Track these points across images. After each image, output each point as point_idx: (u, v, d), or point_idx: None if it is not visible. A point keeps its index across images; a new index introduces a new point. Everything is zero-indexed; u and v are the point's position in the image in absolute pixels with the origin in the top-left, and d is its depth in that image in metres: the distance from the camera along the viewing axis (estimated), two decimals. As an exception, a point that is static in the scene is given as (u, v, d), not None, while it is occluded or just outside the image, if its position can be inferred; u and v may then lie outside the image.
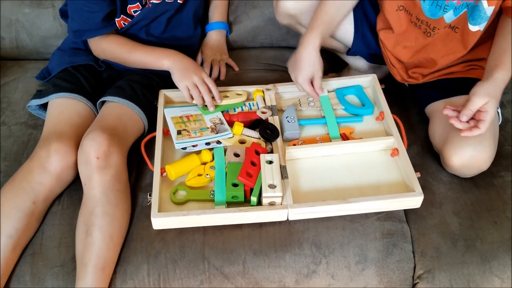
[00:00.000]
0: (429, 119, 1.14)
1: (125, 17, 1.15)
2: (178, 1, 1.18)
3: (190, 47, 1.31)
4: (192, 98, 1.10)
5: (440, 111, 1.09)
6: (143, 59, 1.15)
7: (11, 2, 1.33)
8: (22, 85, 1.29)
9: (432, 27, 1.08)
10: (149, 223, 0.92)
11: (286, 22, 1.27)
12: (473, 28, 1.03)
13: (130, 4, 1.13)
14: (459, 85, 1.11)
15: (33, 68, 1.34)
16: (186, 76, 1.09)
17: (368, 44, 1.23)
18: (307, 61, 1.08)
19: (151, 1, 1.15)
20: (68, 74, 1.15)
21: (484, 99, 0.93)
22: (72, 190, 1.03)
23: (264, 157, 0.96)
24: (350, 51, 1.26)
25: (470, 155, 1.00)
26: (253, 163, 0.97)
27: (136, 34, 1.19)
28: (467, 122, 0.96)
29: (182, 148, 1.02)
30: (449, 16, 1.05)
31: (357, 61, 1.33)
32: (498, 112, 1.12)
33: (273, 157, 0.97)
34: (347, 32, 1.22)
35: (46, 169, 0.98)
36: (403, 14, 1.11)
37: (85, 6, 1.08)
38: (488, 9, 1.00)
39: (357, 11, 1.20)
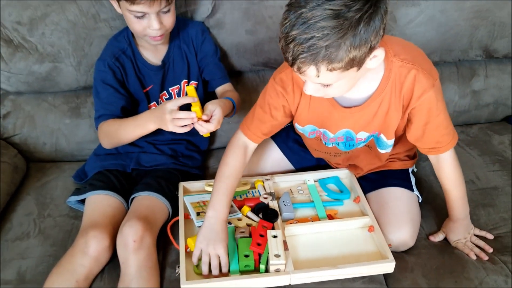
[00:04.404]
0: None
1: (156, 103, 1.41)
2: None
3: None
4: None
5: (371, 200, 1.28)
6: (132, 125, 1.25)
7: (54, 115, 1.51)
8: (61, 183, 1.45)
9: (349, 152, 1.27)
10: (177, 294, 1.08)
11: None
12: (381, 151, 1.22)
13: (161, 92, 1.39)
14: (383, 177, 1.31)
15: (69, 169, 1.49)
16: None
17: (306, 158, 1.41)
18: (224, 232, 1.14)
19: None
20: (102, 175, 1.33)
21: (458, 236, 1.23)
22: (111, 268, 1.17)
23: (270, 233, 1.16)
24: (297, 168, 1.42)
25: (392, 239, 1.19)
26: (261, 235, 1.17)
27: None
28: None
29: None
30: (361, 145, 1.23)
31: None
32: (418, 196, 1.30)
33: (277, 232, 1.17)
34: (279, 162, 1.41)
35: (86, 253, 1.12)
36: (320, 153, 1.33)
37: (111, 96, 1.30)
38: (389, 141, 1.17)
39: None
